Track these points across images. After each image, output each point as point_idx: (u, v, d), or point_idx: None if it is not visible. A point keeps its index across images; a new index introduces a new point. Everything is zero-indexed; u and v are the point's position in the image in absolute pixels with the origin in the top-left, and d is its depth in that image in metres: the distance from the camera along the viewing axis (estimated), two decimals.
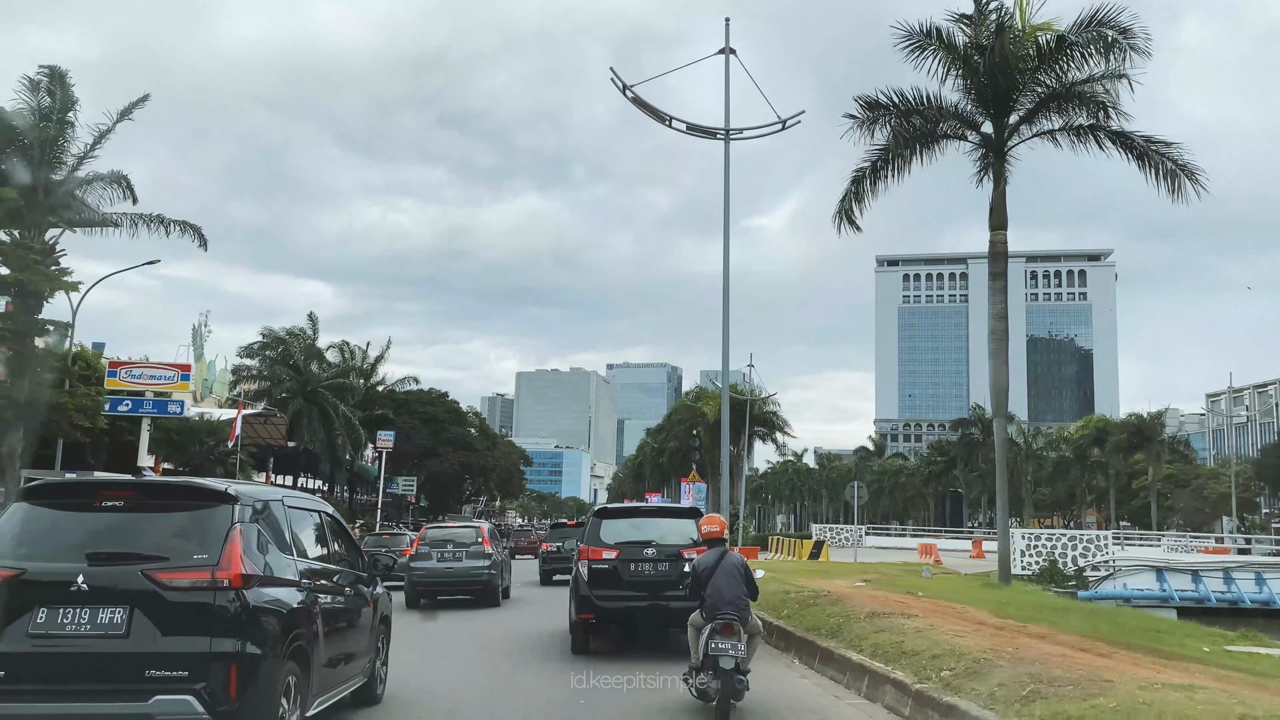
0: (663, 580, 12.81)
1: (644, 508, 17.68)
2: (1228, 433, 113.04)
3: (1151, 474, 70.58)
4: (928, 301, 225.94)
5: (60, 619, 5.99)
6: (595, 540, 13.28)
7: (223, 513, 6.52)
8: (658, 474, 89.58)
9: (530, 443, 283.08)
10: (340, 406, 56.86)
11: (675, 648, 11.93)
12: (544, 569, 29.29)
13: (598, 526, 13.59)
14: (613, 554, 13.02)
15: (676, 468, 77.74)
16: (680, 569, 12.39)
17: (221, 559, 6.23)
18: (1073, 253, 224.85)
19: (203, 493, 6.79)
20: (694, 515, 13.87)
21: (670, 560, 12.88)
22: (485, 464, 73.69)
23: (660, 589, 12.74)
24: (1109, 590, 28.08)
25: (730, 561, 9.02)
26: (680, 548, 12.93)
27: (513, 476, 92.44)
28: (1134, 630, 14.34)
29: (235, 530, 6.41)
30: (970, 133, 23.89)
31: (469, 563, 20.84)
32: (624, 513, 14.94)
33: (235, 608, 6.16)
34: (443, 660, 12.93)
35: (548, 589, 26.37)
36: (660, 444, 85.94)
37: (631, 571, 12.93)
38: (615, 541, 13.24)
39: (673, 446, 73.76)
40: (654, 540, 13.24)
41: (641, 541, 13.22)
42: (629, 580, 12.89)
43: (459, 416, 74.30)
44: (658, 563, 12.96)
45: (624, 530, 13.58)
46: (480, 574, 20.75)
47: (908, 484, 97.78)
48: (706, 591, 8.88)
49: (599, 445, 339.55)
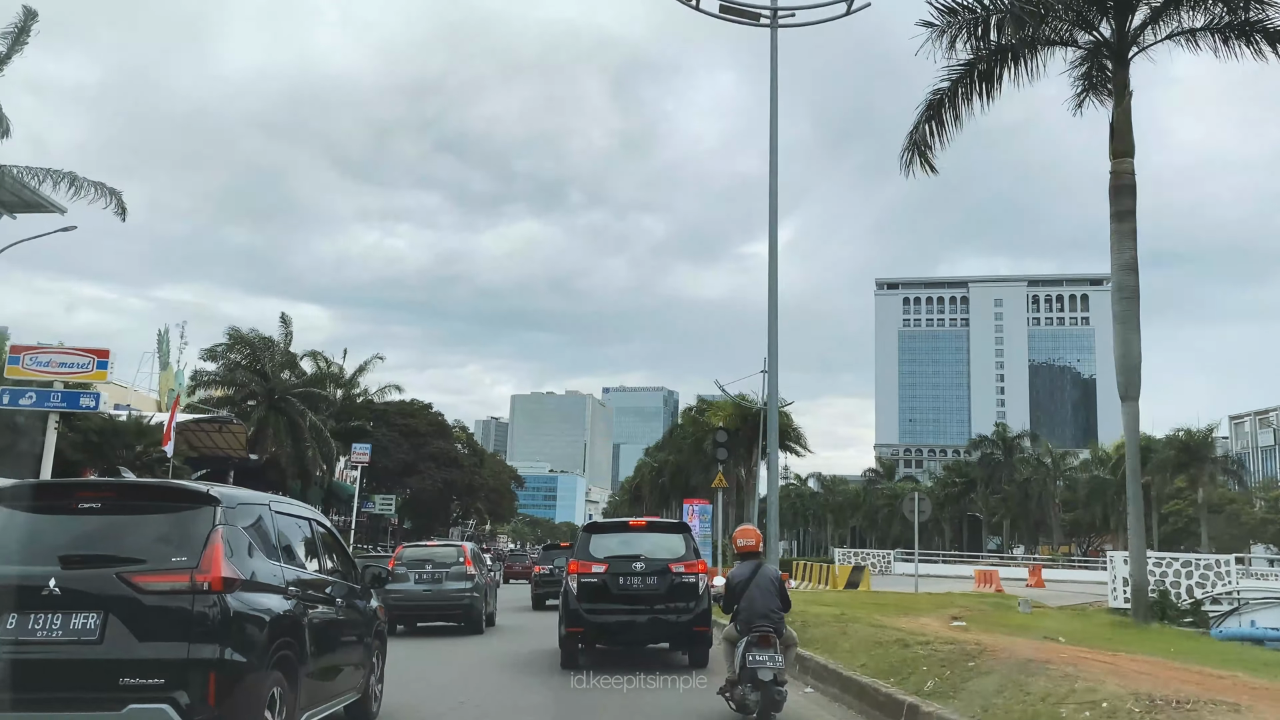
0: (651, 594, 12.79)
1: (634, 523, 16.14)
2: (1252, 454, 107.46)
3: (1202, 495, 64.49)
4: (928, 325, 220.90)
5: (31, 625, 5.76)
6: (585, 555, 13.23)
7: (204, 515, 6.23)
8: (657, 494, 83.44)
9: (525, 466, 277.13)
10: (310, 416, 50.91)
11: (666, 661, 12.63)
12: (536, 593, 27.85)
13: (587, 541, 13.57)
14: (601, 568, 12.98)
15: (679, 488, 71.67)
16: (669, 583, 12.70)
17: (202, 561, 5.96)
18: (1074, 277, 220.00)
19: (183, 494, 6.57)
20: (683, 530, 14.10)
21: (659, 574, 12.87)
22: (472, 482, 67.08)
23: (649, 603, 12.73)
24: (1235, 629, 22.24)
25: (765, 574, 8.88)
26: (668, 562, 12.97)
27: (503, 497, 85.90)
28: None
29: (217, 533, 6.13)
30: (1083, 35, 18.29)
31: (449, 585, 19.30)
32: (613, 528, 14.71)
33: (215, 613, 5.87)
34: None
35: (540, 614, 24.39)
36: (660, 462, 79.92)
37: (620, 586, 12.89)
38: (604, 556, 13.16)
39: (674, 464, 67.70)
40: (643, 555, 13.14)
41: (630, 556, 13.14)
42: (618, 594, 12.85)
43: (443, 430, 68.00)
44: (646, 576, 12.90)
45: (613, 545, 13.48)
46: (462, 598, 19.19)
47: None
48: (741, 604, 8.72)
49: (594, 470, 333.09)
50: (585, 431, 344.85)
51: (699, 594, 12.83)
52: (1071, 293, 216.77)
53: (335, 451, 52.89)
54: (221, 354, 52.43)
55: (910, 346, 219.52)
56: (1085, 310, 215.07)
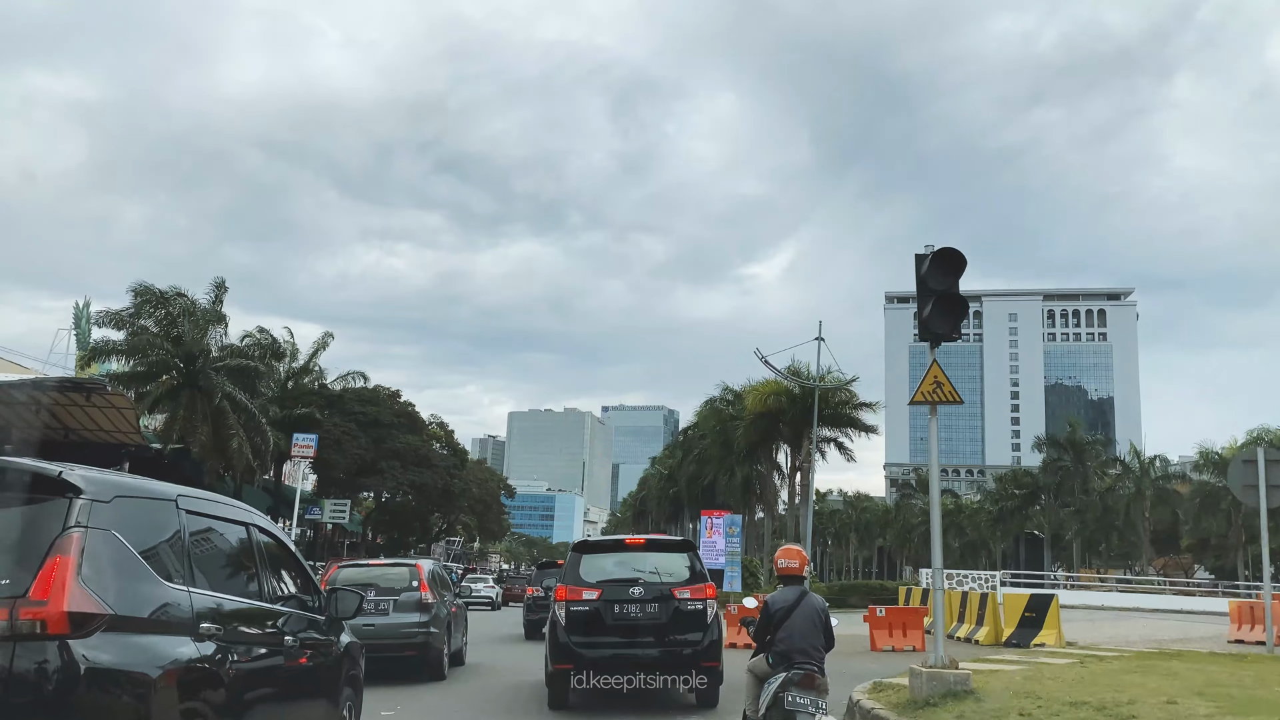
0: (652, 623, 10.99)
1: (631, 541, 12.57)
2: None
3: None
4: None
5: None
6: (575, 579, 11.32)
7: (52, 511, 3.86)
8: (667, 508, 71.46)
9: (522, 485, 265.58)
10: (239, 396, 39.31)
11: (670, 701, 11.52)
12: (529, 619, 23.63)
13: (577, 562, 11.59)
14: (594, 594, 11.11)
15: (695, 498, 59.75)
16: (672, 610, 11.04)
17: (34, 586, 3.64)
18: (1091, 291, 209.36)
19: (22, 478, 3.97)
20: (687, 549, 12.17)
21: (660, 601, 11.06)
22: (449, 487, 54.43)
23: (650, 634, 10.94)
24: None
25: (811, 604, 7.59)
26: (672, 586, 11.21)
27: (491, 510, 73.51)
28: None
29: (69, 540, 3.77)
30: None
31: (398, 617, 14.57)
32: (608, 547, 12.42)
33: (55, 670, 3.57)
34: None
35: (532, 646, 19.76)
36: (671, 469, 68.07)
37: (616, 614, 11.03)
38: (597, 580, 11.32)
39: (691, 469, 55.80)
40: (642, 578, 11.33)
41: (627, 579, 11.34)
42: (613, 624, 11.00)
43: (413, 423, 54.74)
44: (646, 603, 11.06)
45: (608, 567, 11.67)
46: (413, 633, 14.49)
47: (970, 524, 78.74)
48: (779, 635, 7.47)
49: (593, 490, 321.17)
50: (584, 450, 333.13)
51: (708, 623, 11.07)
52: (1089, 307, 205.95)
53: (272, 443, 41.15)
54: (128, 319, 40.90)
55: (921, 362, 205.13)
56: (1103, 326, 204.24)
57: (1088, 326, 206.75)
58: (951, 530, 79.59)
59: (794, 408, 38.94)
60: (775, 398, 39.51)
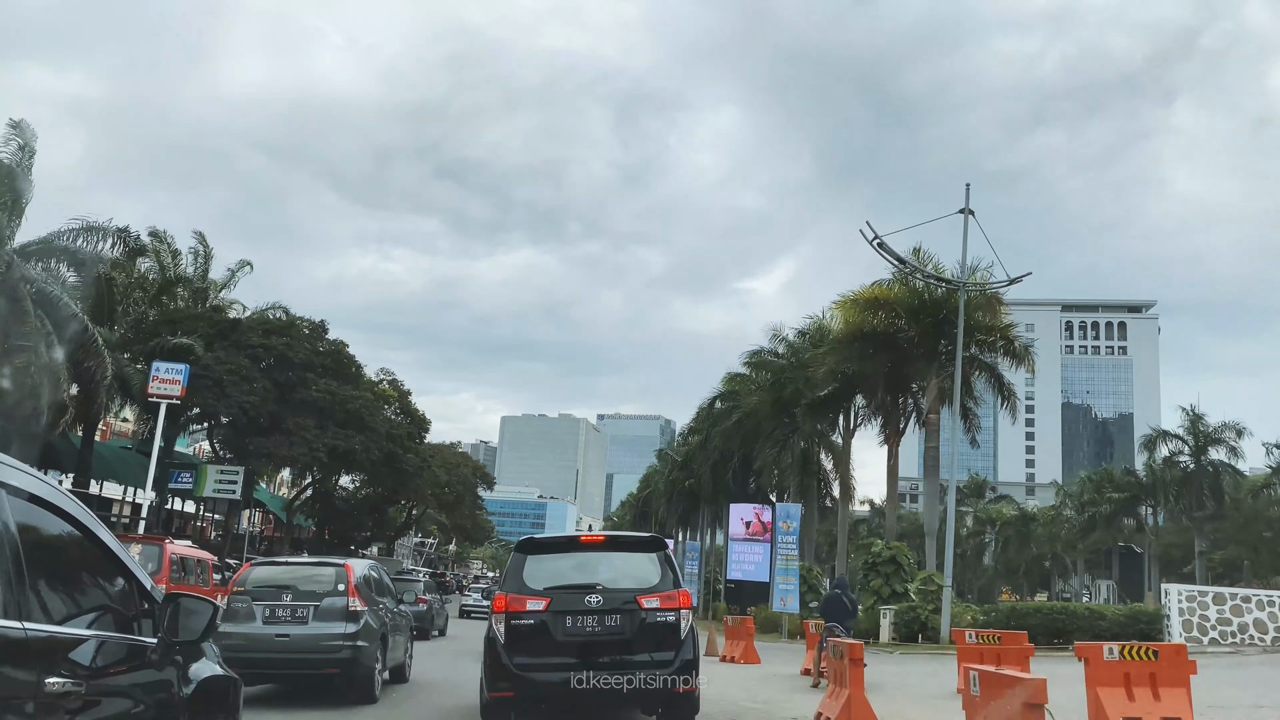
0: (613, 639, 8.45)
1: (588, 539, 10.08)
2: None
3: None
4: None
5: None
6: (517, 585, 8.75)
7: None
8: (679, 504, 56.73)
9: (513, 492, 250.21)
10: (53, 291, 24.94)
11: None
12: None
13: (520, 565, 8.95)
14: (540, 604, 8.58)
15: (721, 491, 45.15)
16: (637, 623, 8.49)
17: None
18: (1112, 303, 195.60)
19: None
20: (656, 548, 9.36)
21: (622, 612, 8.54)
22: (395, 462, 39.15)
23: (610, 652, 8.36)
24: None
25: None
26: (637, 593, 8.66)
27: (463, 502, 58.77)
28: None
29: None
30: None
31: (318, 627, 11.63)
32: (559, 546, 9.81)
33: None
34: None
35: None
36: (687, 456, 53.36)
37: (568, 629, 8.51)
38: (545, 587, 8.73)
39: (720, 442, 41.09)
40: (600, 584, 8.78)
41: (582, 586, 8.76)
42: (564, 641, 8.47)
43: (339, 364, 36.82)
44: (605, 615, 8.54)
45: (559, 571, 9.06)
46: (336, 647, 11.45)
47: (1045, 533, 63.83)
48: None
49: (586, 501, 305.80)
50: (578, 458, 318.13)
51: (681, 638, 8.58)
52: (1109, 319, 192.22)
53: (109, 373, 26.58)
54: None
55: None
56: (1123, 339, 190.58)
57: (1107, 339, 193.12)
58: (1015, 542, 64.96)
59: (918, 325, 24.47)
60: (884, 313, 24.79)
